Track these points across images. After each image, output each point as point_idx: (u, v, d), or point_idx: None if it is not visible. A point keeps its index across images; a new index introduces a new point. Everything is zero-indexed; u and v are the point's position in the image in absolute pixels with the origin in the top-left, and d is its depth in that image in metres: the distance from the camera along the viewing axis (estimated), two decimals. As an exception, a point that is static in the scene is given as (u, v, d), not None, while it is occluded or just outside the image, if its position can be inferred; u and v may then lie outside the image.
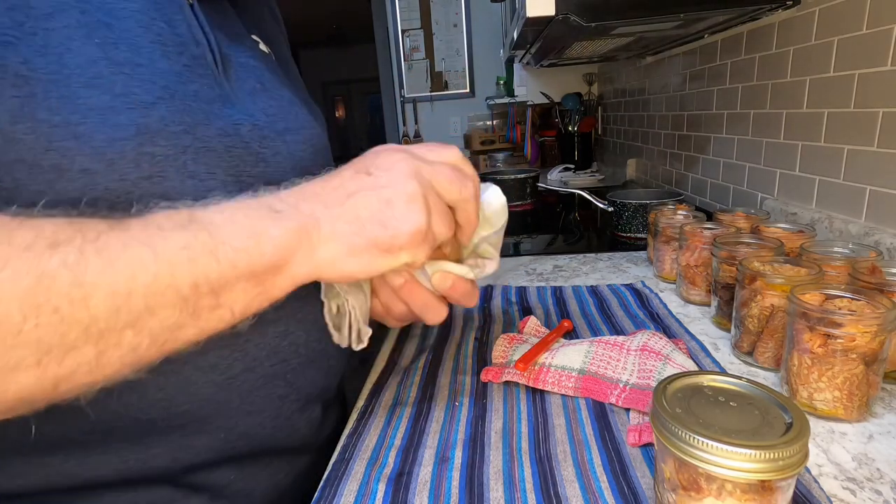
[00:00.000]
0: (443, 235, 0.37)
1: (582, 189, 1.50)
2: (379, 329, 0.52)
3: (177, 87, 0.39)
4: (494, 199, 0.44)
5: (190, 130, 0.39)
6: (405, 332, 0.68)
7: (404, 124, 3.14)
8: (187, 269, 0.28)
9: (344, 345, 0.45)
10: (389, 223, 0.34)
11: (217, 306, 0.30)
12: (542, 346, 0.56)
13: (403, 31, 2.98)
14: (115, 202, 0.34)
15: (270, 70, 0.53)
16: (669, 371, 0.50)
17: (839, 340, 0.43)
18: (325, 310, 0.44)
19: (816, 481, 0.38)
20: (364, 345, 0.45)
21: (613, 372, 0.52)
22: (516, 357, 0.55)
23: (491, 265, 0.46)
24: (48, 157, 0.33)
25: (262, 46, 0.54)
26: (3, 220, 0.26)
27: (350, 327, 0.44)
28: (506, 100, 2.50)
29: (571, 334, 0.63)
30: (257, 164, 0.44)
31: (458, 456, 0.43)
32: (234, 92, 0.45)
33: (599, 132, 2.16)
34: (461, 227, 0.39)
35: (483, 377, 0.54)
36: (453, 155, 0.39)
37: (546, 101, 2.13)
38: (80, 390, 0.28)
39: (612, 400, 0.49)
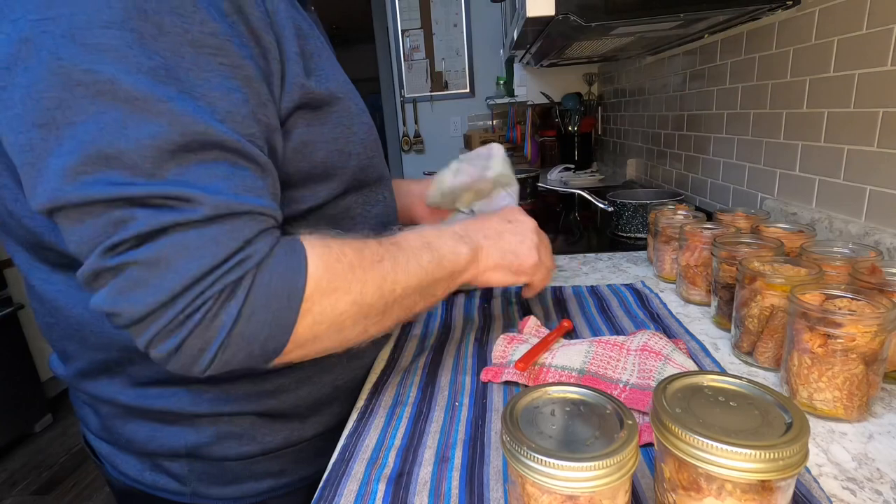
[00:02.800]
0: (548, 263, 0.61)
1: (582, 189, 1.50)
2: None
3: (358, 92, 0.55)
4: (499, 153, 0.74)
5: (370, 123, 0.55)
6: (405, 333, 0.68)
7: (404, 124, 3.14)
8: (432, 271, 0.49)
9: None
10: (519, 255, 0.57)
11: (435, 292, 0.51)
12: (542, 346, 0.56)
13: (403, 31, 2.98)
14: (360, 171, 0.53)
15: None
16: (669, 371, 0.50)
17: (839, 340, 0.43)
18: None
19: (816, 481, 0.38)
20: None
21: (613, 372, 0.52)
22: (516, 357, 0.55)
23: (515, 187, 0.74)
24: (347, 146, 0.51)
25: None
26: (355, 245, 0.44)
27: None
28: (506, 100, 2.49)
29: (571, 334, 0.63)
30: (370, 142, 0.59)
31: (458, 456, 0.43)
32: None
33: (599, 132, 2.16)
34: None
35: (483, 377, 0.54)
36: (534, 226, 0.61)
37: (546, 101, 2.12)
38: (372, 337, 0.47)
39: None
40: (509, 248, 0.56)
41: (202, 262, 0.35)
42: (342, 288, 0.41)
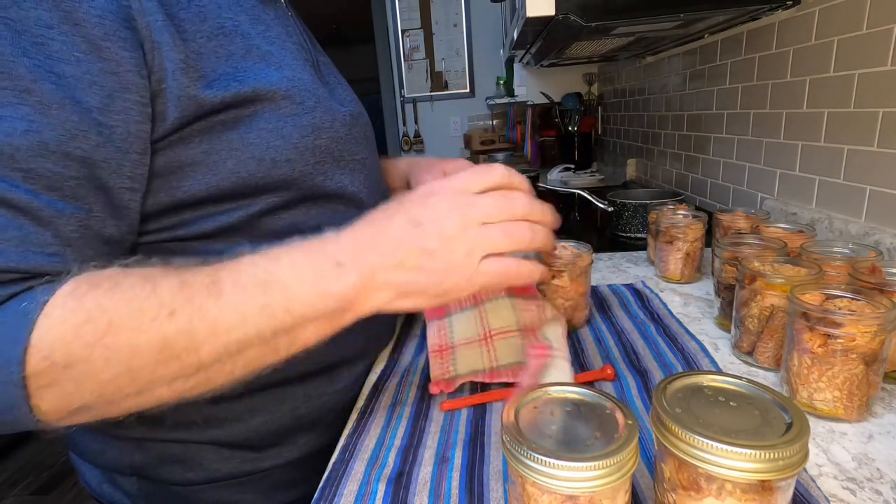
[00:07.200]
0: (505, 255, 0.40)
1: (582, 189, 1.50)
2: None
3: (317, 92, 0.50)
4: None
5: (331, 125, 0.50)
6: (405, 332, 0.68)
7: (404, 124, 3.14)
8: (268, 323, 0.36)
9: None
10: (433, 274, 0.38)
11: (292, 343, 0.38)
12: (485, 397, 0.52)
13: (403, 31, 2.98)
14: (302, 180, 0.47)
15: (329, 60, 0.61)
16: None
17: (839, 340, 0.43)
18: None
19: (814, 481, 0.38)
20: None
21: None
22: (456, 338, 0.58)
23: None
24: (268, 153, 0.45)
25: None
26: (132, 293, 0.34)
27: None
28: (506, 100, 2.50)
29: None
30: (357, 145, 0.54)
31: (458, 456, 0.43)
32: (327, 87, 0.54)
33: (599, 132, 2.15)
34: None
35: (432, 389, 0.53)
36: (497, 175, 0.41)
37: (546, 101, 2.12)
38: (198, 395, 0.37)
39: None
40: (416, 265, 0.38)
41: None
42: (97, 356, 0.33)
